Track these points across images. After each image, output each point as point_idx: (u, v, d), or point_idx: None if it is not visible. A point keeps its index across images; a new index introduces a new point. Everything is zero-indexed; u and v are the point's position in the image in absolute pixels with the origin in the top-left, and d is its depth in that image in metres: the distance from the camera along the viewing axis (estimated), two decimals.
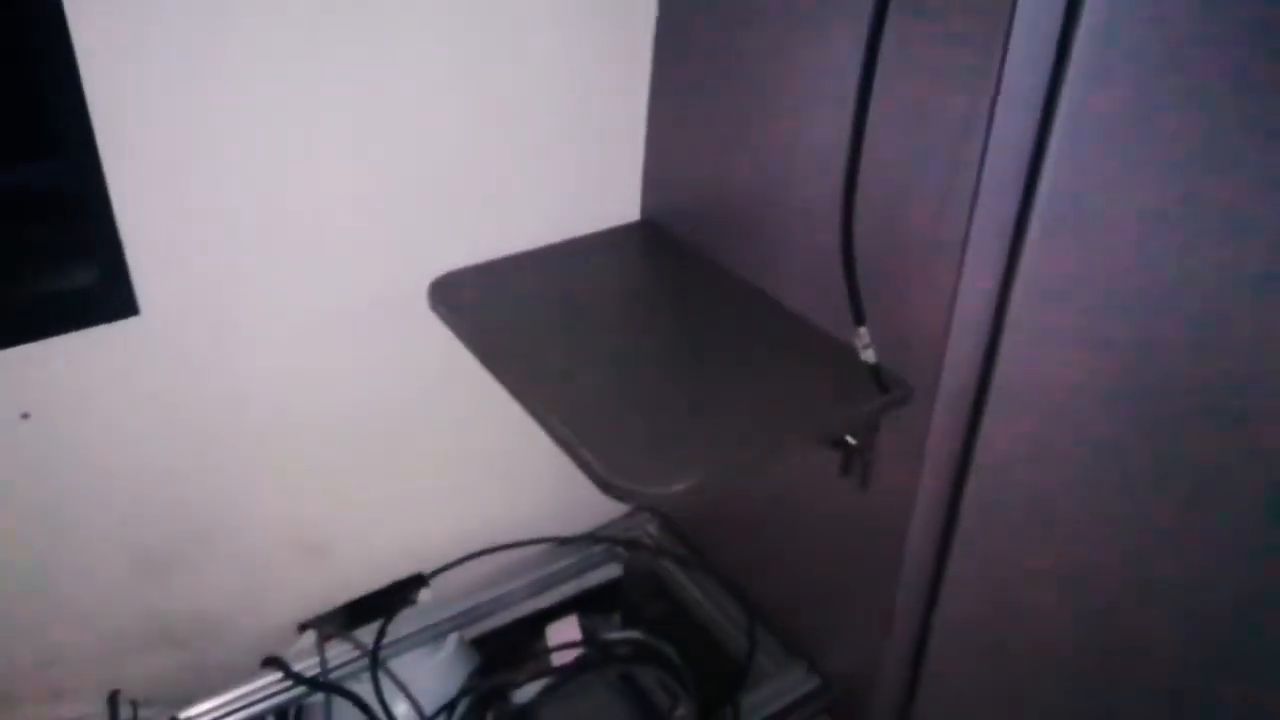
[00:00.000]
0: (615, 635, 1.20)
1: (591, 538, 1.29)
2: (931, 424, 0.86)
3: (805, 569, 1.11)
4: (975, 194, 0.76)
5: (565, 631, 1.21)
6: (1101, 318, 0.85)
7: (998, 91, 0.72)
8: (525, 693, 1.16)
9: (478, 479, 1.26)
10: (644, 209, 1.16)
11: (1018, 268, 0.80)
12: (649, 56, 1.07)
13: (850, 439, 0.90)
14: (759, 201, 0.99)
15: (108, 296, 0.88)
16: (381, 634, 1.14)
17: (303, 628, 1.19)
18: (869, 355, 0.84)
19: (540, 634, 1.22)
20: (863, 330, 0.83)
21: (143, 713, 1.08)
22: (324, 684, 1.10)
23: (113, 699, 1.09)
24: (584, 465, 0.79)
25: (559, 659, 1.18)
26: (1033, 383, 0.87)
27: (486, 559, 1.24)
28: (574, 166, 1.10)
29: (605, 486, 0.77)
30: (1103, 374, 0.88)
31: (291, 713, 1.16)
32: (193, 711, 1.06)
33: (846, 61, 0.78)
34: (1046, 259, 0.79)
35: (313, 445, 1.10)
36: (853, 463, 0.93)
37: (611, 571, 1.37)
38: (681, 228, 1.11)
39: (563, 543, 1.28)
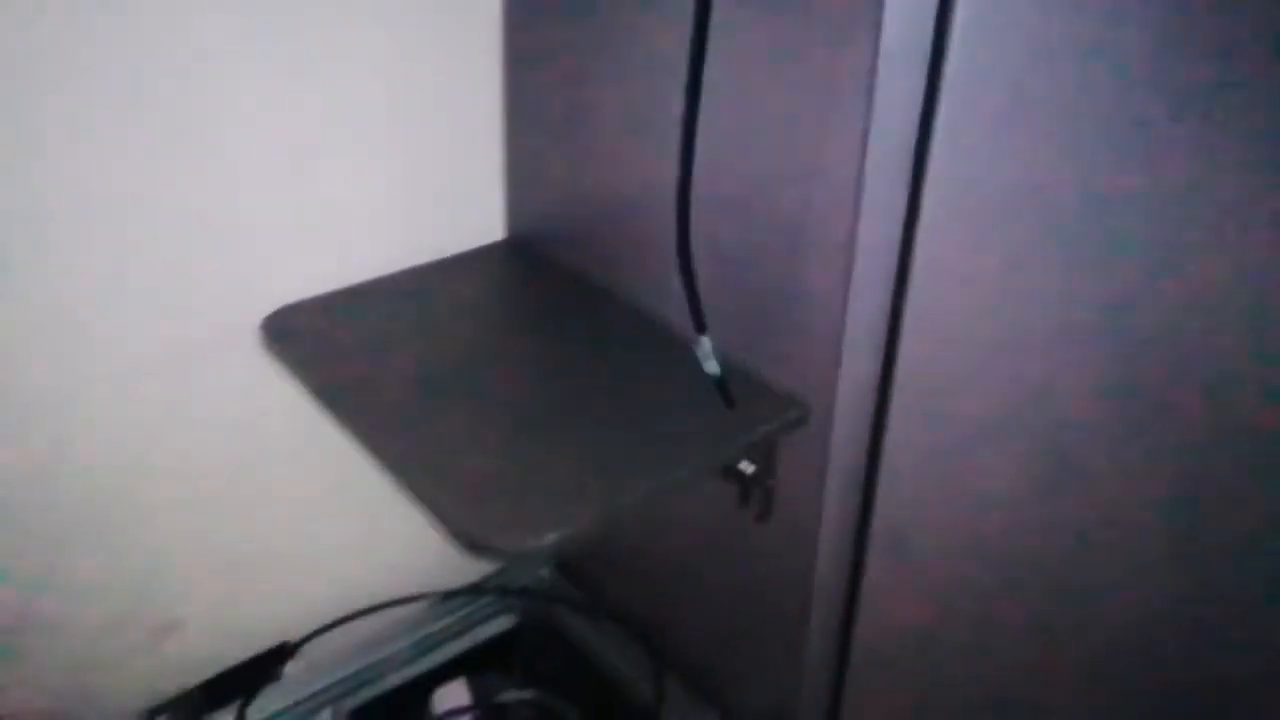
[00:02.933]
0: (509, 697, 1.09)
1: (479, 589, 1.18)
2: (831, 444, 0.78)
3: (711, 610, 1.02)
4: (860, 173, 0.67)
5: (454, 696, 1.09)
6: (1009, 306, 0.78)
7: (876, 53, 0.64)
8: None
9: (346, 532, 1.14)
10: (509, 227, 1.05)
11: (913, 256, 0.71)
12: (500, 62, 0.98)
13: (746, 467, 0.82)
14: (628, 209, 0.90)
15: None
16: (241, 717, 1.01)
17: (150, 715, 1.05)
18: (712, 367, 0.77)
19: (426, 700, 1.11)
20: (705, 340, 0.76)
21: None
22: None
23: None
24: (441, 521, 0.69)
25: None
26: (937, 389, 0.79)
27: (363, 620, 1.12)
28: (426, 184, 0.99)
29: (468, 544, 0.67)
30: (1014, 370, 0.81)
31: None
32: None
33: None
34: (944, 242, 0.72)
35: (147, 505, 0.97)
36: (751, 493, 0.85)
37: (505, 624, 1.25)
38: (550, 244, 1.01)
39: (447, 596, 1.17)
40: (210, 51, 0.82)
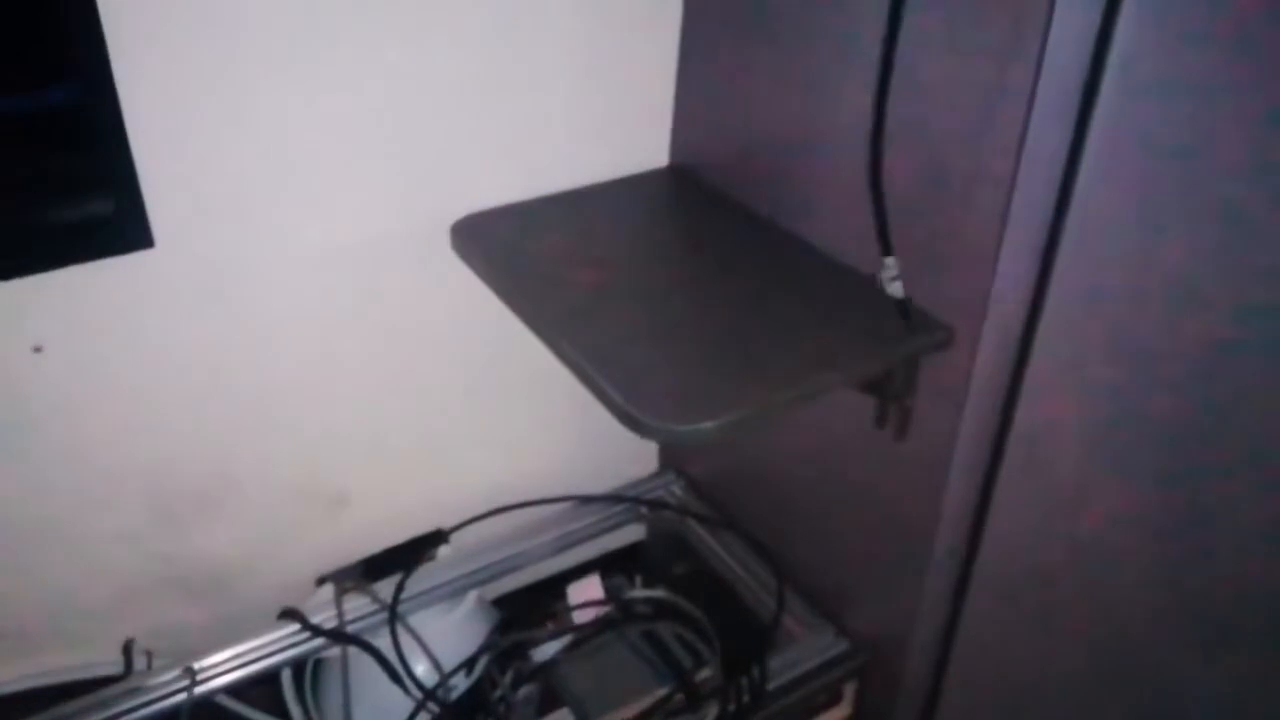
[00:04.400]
0: (639, 594, 1.17)
1: (615, 497, 1.27)
2: (974, 369, 0.82)
3: (836, 529, 1.07)
4: (1025, 123, 0.71)
5: (587, 590, 1.18)
6: (1160, 253, 0.80)
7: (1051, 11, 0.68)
8: (546, 650, 1.13)
9: (499, 434, 1.24)
10: (673, 155, 1.12)
11: (1069, 206, 0.75)
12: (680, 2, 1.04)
13: (889, 381, 0.86)
14: (796, 144, 0.95)
15: (122, 227, 0.85)
16: (400, 588, 1.12)
17: (321, 581, 1.17)
18: (896, 288, 0.80)
19: (562, 595, 1.20)
20: (890, 260, 0.79)
21: (157, 662, 1.06)
22: (342, 636, 1.08)
23: (128, 648, 1.07)
24: (609, 403, 0.76)
25: (581, 617, 1.16)
26: (1083, 333, 0.82)
27: (507, 516, 1.21)
28: (600, 111, 1.07)
29: (631, 423, 0.74)
30: (1163, 318, 0.83)
31: (309, 665, 1.14)
32: (208, 661, 1.04)
33: None
34: (1101, 195, 0.75)
35: (330, 391, 1.08)
36: (889, 412, 0.90)
37: (634, 533, 1.34)
38: (712, 174, 1.07)
39: (585, 501, 1.25)
40: None
